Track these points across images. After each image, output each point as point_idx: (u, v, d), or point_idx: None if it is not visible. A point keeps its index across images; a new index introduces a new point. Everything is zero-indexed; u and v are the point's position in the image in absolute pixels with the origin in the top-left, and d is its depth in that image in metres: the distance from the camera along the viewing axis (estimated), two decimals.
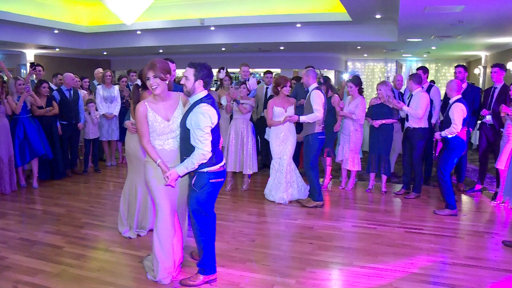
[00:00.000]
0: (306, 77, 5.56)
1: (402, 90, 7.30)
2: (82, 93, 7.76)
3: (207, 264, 3.47)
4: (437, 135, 5.55)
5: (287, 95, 5.82)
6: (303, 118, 5.49)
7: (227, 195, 6.28)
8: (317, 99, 5.42)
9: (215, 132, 3.32)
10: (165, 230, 3.44)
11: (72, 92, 7.24)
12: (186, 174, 3.32)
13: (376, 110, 6.21)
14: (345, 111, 6.29)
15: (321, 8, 9.84)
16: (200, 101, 3.25)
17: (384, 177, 6.40)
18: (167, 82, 3.34)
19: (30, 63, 8.01)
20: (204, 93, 3.31)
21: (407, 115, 6.01)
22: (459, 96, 5.45)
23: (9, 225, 4.94)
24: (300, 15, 9.96)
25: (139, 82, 4.33)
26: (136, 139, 4.50)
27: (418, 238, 4.59)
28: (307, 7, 9.91)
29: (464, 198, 6.24)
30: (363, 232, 4.80)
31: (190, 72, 3.25)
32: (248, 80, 6.41)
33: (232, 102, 6.08)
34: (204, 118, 3.15)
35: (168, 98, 3.39)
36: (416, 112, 5.84)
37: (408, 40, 10.79)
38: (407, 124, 6.07)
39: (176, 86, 4.43)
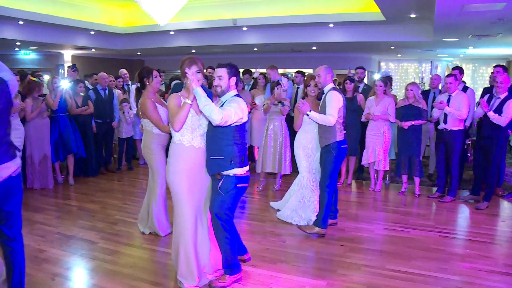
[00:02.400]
0: (324, 75, 4.68)
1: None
2: (117, 92, 7.92)
3: (232, 264, 3.47)
4: (490, 113, 5.44)
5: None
6: (314, 115, 4.54)
7: (259, 195, 6.30)
8: (333, 102, 4.53)
9: (242, 132, 3.35)
10: (183, 236, 3.36)
11: (107, 91, 7.42)
12: (193, 99, 3.22)
13: (405, 112, 6.10)
14: (378, 113, 6.21)
15: (354, 7, 9.71)
16: (232, 98, 3.31)
17: (417, 180, 6.27)
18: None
19: (72, 64, 8.28)
20: (234, 91, 3.37)
21: (445, 115, 5.83)
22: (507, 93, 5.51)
23: (47, 220, 5.11)
24: (333, 15, 9.85)
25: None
26: (144, 144, 4.61)
27: (453, 243, 4.48)
28: (340, 6, 9.79)
29: (503, 203, 6.03)
30: (396, 235, 4.71)
31: (223, 71, 3.30)
32: (281, 80, 6.40)
33: (277, 103, 6.02)
34: (238, 105, 3.21)
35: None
36: (461, 112, 5.69)
37: (444, 39, 10.50)
38: (442, 126, 5.92)
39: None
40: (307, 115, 4.55)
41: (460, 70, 6.55)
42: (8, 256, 2.90)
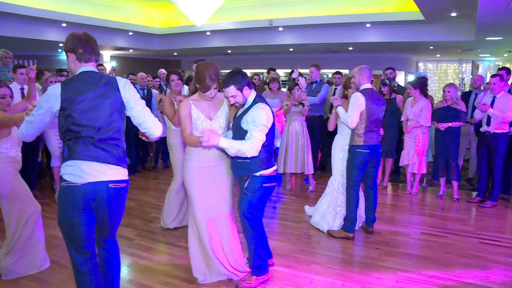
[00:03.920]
0: (359, 75, 4.48)
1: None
2: (154, 92, 8.07)
3: (260, 265, 3.46)
4: None
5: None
6: (340, 110, 4.50)
7: (293, 195, 6.27)
8: (352, 104, 4.40)
9: (270, 134, 3.28)
10: (194, 232, 3.49)
11: (145, 91, 7.57)
12: (221, 149, 3.24)
13: (442, 113, 5.93)
14: (410, 117, 6.08)
15: (392, 7, 9.53)
16: (254, 101, 3.26)
17: (455, 184, 6.08)
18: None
19: (112, 66, 8.53)
20: (253, 93, 3.29)
21: (489, 118, 5.63)
22: None
23: None
24: (370, 14, 9.71)
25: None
26: (167, 141, 4.82)
27: (495, 251, 4.31)
28: (377, 6, 9.64)
29: None
30: (433, 240, 4.58)
31: (232, 90, 3.17)
32: (299, 81, 6.31)
33: (298, 104, 5.99)
34: (260, 115, 3.15)
35: (213, 98, 3.39)
36: (506, 115, 5.47)
37: (486, 39, 10.15)
38: (484, 129, 5.72)
39: None
40: (336, 108, 4.58)
41: (507, 70, 6.26)
42: (104, 264, 2.88)
